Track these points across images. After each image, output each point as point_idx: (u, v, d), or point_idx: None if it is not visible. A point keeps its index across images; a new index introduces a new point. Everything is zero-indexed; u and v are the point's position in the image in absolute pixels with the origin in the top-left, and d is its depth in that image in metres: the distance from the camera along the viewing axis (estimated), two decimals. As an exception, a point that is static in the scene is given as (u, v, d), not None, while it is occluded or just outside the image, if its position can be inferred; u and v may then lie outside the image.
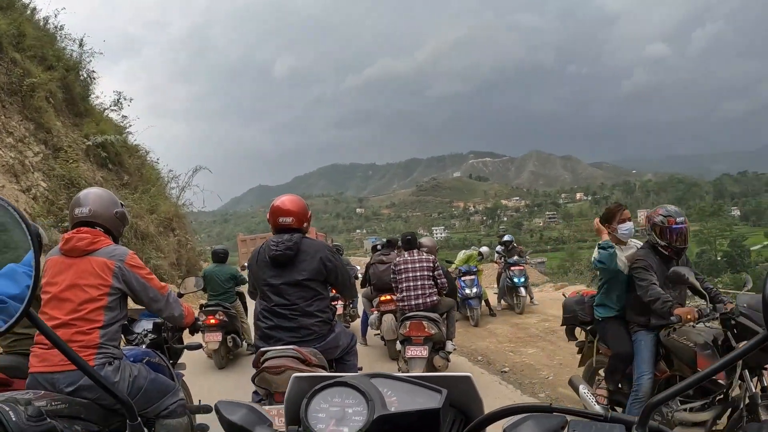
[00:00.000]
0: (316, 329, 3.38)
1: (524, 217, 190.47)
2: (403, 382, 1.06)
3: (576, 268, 20.51)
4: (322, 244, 3.61)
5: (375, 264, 8.05)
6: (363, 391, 0.97)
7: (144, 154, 19.16)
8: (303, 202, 3.63)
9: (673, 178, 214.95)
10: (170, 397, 2.98)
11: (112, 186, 14.86)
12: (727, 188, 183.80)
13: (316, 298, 3.44)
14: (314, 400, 0.99)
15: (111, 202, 2.95)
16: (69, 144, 12.94)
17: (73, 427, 2.37)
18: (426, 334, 5.85)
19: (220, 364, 7.40)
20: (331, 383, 1.00)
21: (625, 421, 0.82)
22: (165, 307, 2.96)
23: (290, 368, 3.03)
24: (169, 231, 18.08)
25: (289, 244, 3.39)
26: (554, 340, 8.43)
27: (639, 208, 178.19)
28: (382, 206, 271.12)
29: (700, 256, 72.62)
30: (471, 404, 1.09)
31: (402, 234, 7.14)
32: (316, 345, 3.36)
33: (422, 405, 0.98)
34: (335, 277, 3.52)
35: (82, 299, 2.64)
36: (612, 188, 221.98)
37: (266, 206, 4.80)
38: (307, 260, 3.43)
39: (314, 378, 1.10)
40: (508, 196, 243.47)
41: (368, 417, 0.93)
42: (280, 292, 3.41)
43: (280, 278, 3.42)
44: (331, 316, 3.55)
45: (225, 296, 7.83)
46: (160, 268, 14.06)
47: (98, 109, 17.06)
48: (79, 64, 15.83)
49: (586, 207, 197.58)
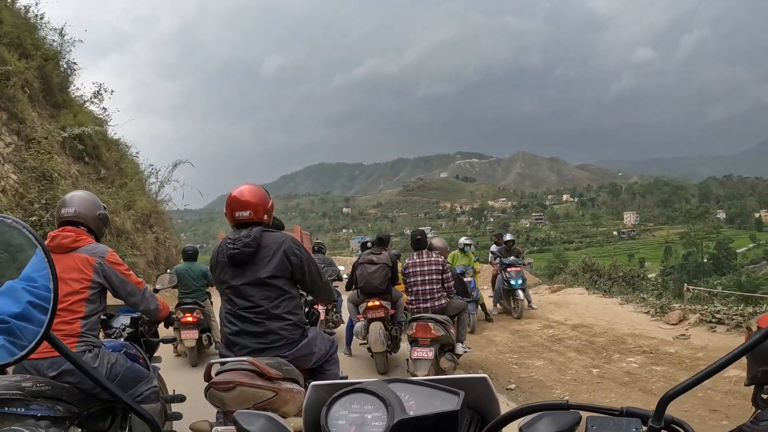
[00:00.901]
0: (285, 334, 3.04)
1: (511, 218, 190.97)
2: (420, 386, 1.09)
3: (570, 269, 19.88)
4: (285, 236, 3.19)
5: (363, 264, 7.16)
6: (382, 396, 1.00)
7: (124, 148, 18.74)
8: (262, 191, 3.28)
9: (658, 180, 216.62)
10: (144, 384, 3.20)
11: (89, 180, 14.47)
12: (713, 191, 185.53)
13: (284, 298, 3.08)
14: (333, 408, 1.01)
15: (94, 205, 3.23)
16: (44, 135, 12.42)
17: (55, 407, 2.59)
18: (432, 336, 5.76)
19: (194, 362, 7.47)
20: (350, 390, 1.03)
21: (641, 414, 0.82)
22: (141, 300, 3.21)
23: (242, 384, 2.62)
24: (146, 228, 17.62)
25: (246, 241, 3.04)
26: (562, 350, 7.86)
27: (625, 210, 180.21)
28: (368, 206, 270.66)
29: (686, 258, 73.04)
30: (488, 405, 1.12)
31: (412, 233, 6.91)
32: (286, 352, 3.02)
33: (440, 408, 1.01)
34: (302, 272, 3.16)
35: (66, 292, 2.85)
36: (598, 190, 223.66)
37: None
38: (269, 256, 3.07)
39: (332, 385, 1.12)
40: (494, 197, 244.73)
41: (388, 422, 0.95)
42: (242, 294, 3.08)
43: (241, 278, 3.09)
44: (303, 319, 3.21)
45: (196, 294, 7.92)
46: (135, 266, 13.49)
47: (78, 101, 16.56)
48: (58, 53, 15.37)
49: (573, 208, 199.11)
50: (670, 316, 8.96)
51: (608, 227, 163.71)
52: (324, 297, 3.63)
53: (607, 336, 8.41)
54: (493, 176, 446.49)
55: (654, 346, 7.62)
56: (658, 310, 9.58)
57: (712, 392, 5.45)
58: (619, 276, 17.46)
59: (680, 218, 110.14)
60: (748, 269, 70.33)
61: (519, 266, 10.82)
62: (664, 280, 17.89)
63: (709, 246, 76.73)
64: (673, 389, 0.81)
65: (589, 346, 8.00)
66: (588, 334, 8.70)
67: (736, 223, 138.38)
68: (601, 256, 59.14)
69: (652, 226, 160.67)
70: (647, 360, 7.07)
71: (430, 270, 6.22)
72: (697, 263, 69.26)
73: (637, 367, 6.82)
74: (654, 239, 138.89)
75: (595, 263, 19.59)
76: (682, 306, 9.48)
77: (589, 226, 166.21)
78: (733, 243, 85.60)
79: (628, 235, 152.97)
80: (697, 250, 76.17)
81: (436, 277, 6.20)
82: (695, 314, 8.74)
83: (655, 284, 14.96)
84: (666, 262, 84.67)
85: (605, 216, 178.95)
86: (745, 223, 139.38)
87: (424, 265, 6.27)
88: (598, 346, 7.94)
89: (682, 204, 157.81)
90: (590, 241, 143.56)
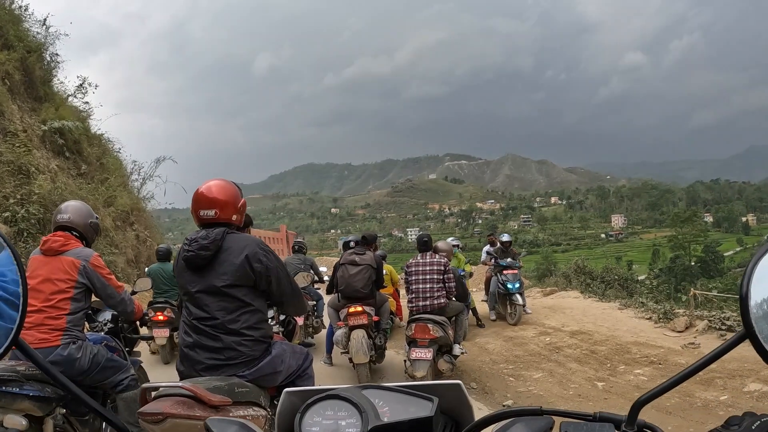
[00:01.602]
0: (244, 350, 2.65)
1: (499, 219, 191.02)
2: (394, 392, 1.09)
3: (562, 271, 19.30)
4: (251, 240, 2.81)
5: (345, 265, 6.48)
6: (356, 403, 0.99)
7: (107, 143, 18.18)
8: (232, 188, 2.87)
9: (646, 184, 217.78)
10: (123, 373, 3.46)
11: (68, 175, 14.01)
12: (700, 195, 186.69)
13: (244, 311, 2.69)
14: (307, 414, 1.00)
15: (87, 214, 3.54)
16: (24, 128, 12.03)
17: (44, 389, 2.86)
18: (431, 337, 5.67)
19: (166, 359, 7.57)
20: (324, 396, 1.02)
21: (614, 419, 0.84)
22: (119, 303, 3.49)
23: (173, 416, 2.10)
24: (127, 225, 16.93)
25: (203, 243, 2.68)
26: (562, 360, 7.21)
27: (613, 213, 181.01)
28: (357, 206, 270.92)
29: (674, 261, 72.99)
30: (462, 411, 1.12)
31: (418, 235, 6.86)
32: (245, 371, 2.64)
33: (415, 414, 1.00)
34: (267, 282, 2.75)
35: (53, 290, 3.18)
36: (586, 193, 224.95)
37: None
38: (228, 261, 2.69)
39: (306, 392, 1.11)
40: (483, 199, 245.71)
41: (363, 429, 0.95)
42: (198, 303, 2.71)
43: (197, 285, 2.72)
44: (268, 333, 2.84)
45: (169, 294, 7.90)
46: (114, 265, 12.86)
47: (61, 95, 16.07)
48: (42, 46, 14.95)
49: (561, 211, 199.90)
50: (676, 323, 8.34)
51: (596, 230, 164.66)
52: (294, 311, 3.19)
53: (610, 344, 7.77)
54: (482, 178, 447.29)
55: (662, 356, 6.98)
56: (661, 316, 8.96)
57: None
58: (614, 279, 16.88)
59: (668, 221, 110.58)
60: (735, 273, 70.46)
61: (516, 269, 10.12)
62: (659, 283, 17.35)
63: (697, 249, 76.81)
64: (645, 394, 0.83)
65: (590, 355, 7.35)
66: (588, 342, 8.05)
67: (723, 227, 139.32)
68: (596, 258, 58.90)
69: (640, 229, 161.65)
70: (656, 372, 6.43)
71: (432, 270, 6.20)
72: (685, 266, 69.22)
73: (647, 380, 6.17)
74: (641, 242, 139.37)
75: (587, 266, 19.11)
76: (688, 312, 8.87)
77: (577, 228, 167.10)
78: (721, 246, 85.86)
79: (616, 237, 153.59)
80: (685, 253, 76.29)
81: (437, 277, 6.17)
82: (703, 321, 8.14)
83: (650, 287, 14.41)
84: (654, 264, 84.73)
85: (593, 219, 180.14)
86: (732, 226, 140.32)
87: (426, 265, 6.26)
88: (600, 355, 7.29)
89: (670, 207, 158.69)
90: (578, 244, 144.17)
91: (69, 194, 11.67)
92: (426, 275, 6.17)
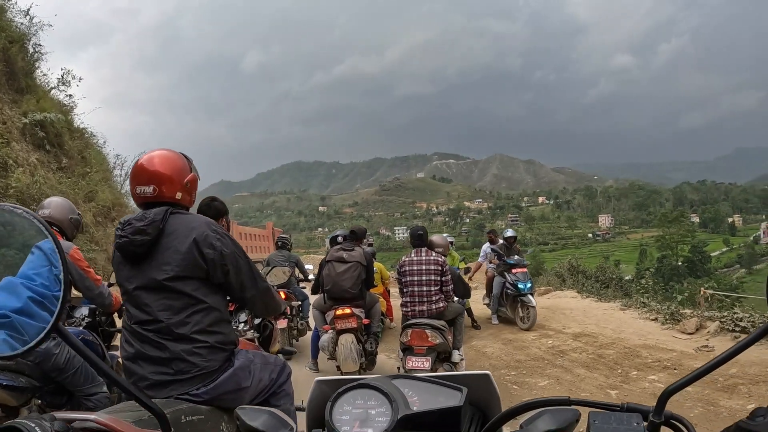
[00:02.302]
0: (197, 361, 2.07)
1: (486, 219, 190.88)
2: (424, 382, 1.10)
3: (556, 270, 18.88)
4: (201, 220, 2.22)
5: (331, 262, 5.83)
6: (386, 392, 1.00)
7: (90, 137, 17.17)
8: (179, 160, 2.29)
9: (633, 184, 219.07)
10: (96, 387, 3.33)
11: (48, 169, 13.30)
12: (687, 196, 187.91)
13: (194, 310, 2.11)
14: (338, 403, 1.01)
15: (69, 210, 3.61)
16: (3, 120, 11.40)
17: (18, 379, 2.90)
18: (429, 344, 5.03)
19: None
20: (354, 386, 1.03)
21: (641, 410, 0.85)
22: (98, 296, 3.50)
23: None
24: (108, 221, 16.26)
25: (139, 225, 2.10)
26: (568, 365, 6.65)
27: (600, 213, 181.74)
28: (344, 205, 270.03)
29: (661, 261, 73.15)
30: (490, 401, 1.14)
31: (412, 228, 6.02)
32: (199, 388, 2.06)
33: (443, 404, 1.02)
34: (223, 272, 2.18)
35: None
36: (574, 193, 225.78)
37: (229, 202, 3.29)
38: (172, 248, 2.10)
39: (336, 381, 1.12)
40: (470, 198, 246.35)
41: (392, 417, 0.96)
42: (138, 302, 2.14)
43: (136, 279, 2.15)
44: (227, 339, 2.20)
45: None
46: (95, 263, 12.20)
47: (43, 87, 15.28)
48: (25, 36, 14.20)
49: (548, 210, 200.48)
50: (686, 325, 7.83)
51: (583, 230, 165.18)
52: (262, 309, 2.48)
53: (617, 348, 7.23)
54: (470, 177, 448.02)
55: (675, 360, 6.46)
56: (668, 318, 8.45)
57: None
58: (612, 278, 16.45)
59: (655, 222, 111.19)
60: (722, 273, 70.78)
61: (525, 266, 9.36)
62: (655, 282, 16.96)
63: (684, 249, 77.13)
64: (672, 385, 0.84)
65: (598, 360, 6.80)
66: (594, 345, 7.50)
67: (709, 228, 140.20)
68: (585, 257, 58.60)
69: (627, 229, 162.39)
70: (672, 378, 5.89)
71: (429, 270, 5.48)
72: (672, 266, 69.39)
73: (663, 387, 5.64)
74: (628, 242, 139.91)
75: (581, 265, 18.71)
76: (698, 312, 8.38)
77: (565, 228, 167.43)
78: (708, 247, 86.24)
79: (603, 237, 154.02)
80: (672, 253, 76.57)
81: (435, 278, 5.47)
82: (714, 321, 7.64)
83: (645, 287, 13.98)
84: (641, 264, 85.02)
85: (580, 218, 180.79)
86: (719, 227, 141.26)
87: (422, 264, 5.51)
88: (609, 360, 6.74)
89: (657, 208, 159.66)
90: (565, 243, 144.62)
91: (48, 188, 11.12)
92: (422, 276, 5.47)
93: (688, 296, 12.52)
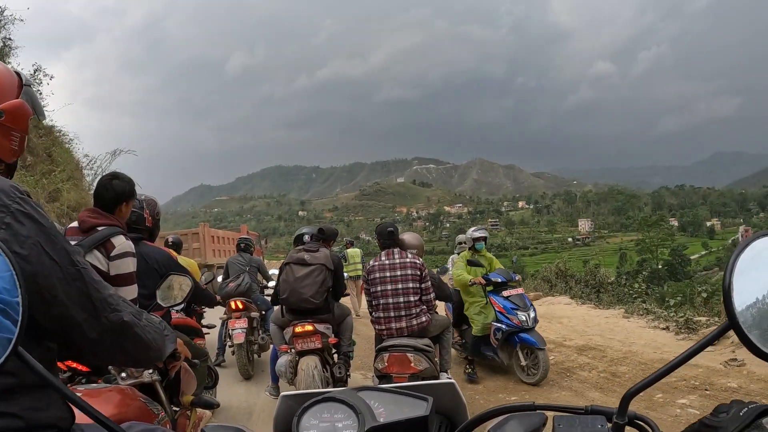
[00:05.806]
0: None
1: (467, 223, 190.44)
2: (389, 393, 1.09)
3: (543, 275, 17.94)
4: None
5: (291, 264, 4.70)
6: (352, 405, 1.00)
7: (58, 135, 16.69)
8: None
9: (612, 189, 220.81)
10: None
11: None
12: (665, 200, 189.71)
13: None
14: (304, 417, 1.00)
15: None
16: None
17: None
18: (412, 371, 4.02)
19: None
20: (320, 399, 1.02)
21: (605, 412, 0.85)
22: None
23: None
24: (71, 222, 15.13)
25: None
26: (577, 387, 5.63)
27: (580, 218, 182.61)
28: (324, 209, 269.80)
29: (641, 265, 72.88)
30: (456, 410, 1.16)
31: (379, 226, 4.81)
32: None
33: (410, 414, 1.02)
34: None
35: None
36: (553, 197, 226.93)
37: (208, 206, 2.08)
38: None
39: (302, 395, 1.11)
40: (451, 203, 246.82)
41: (359, 430, 0.96)
42: None
43: None
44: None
45: None
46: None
47: None
48: None
49: (528, 215, 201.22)
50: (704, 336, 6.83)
51: (563, 234, 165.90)
52: (122, 359, 1.41)
53: (630, 363, 6.21)
54: (450, 182, 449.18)
55: (704, 378, 5.44)
56: (682, 327, 7.46)
57: None
58: (608, 283, 15.53)
59: (634, 225, 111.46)
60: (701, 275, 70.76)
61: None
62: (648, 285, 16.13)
63: (664, 253, 77.14)
64: (635, 386, 0.84)
65: (612, 380, 5.76)
66: (603, 360, 6.47)
67: (688, 231, 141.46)
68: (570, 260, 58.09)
69: (606, 233, 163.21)
70: (707, 402, 4.87)
71: (405, 276, 4.39)
72: (652, 269, 69.19)
73: (698, 413, 4.59)
74: (608, 246, 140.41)
75: (570, 268, 17.81)
76: (714, 321, 7.40)
77: (545, 232, 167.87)
78: (687, 250, 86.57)
79: (583, 241, 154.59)
80: (652, 256, 76.50)
81: (413, 286, 4.37)
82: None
83: (639, 291, 13.10)
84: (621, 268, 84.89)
85: (560, 223, 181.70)
86: (697, 231, 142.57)
87: (396, 268, 4.42)
88: (625, 379, 5.70)
89: (636, 212, 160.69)
90: (545, 247, 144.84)
91: (8, 187, 10.00)
92: (398, 284, 4.37)
93: (682, 299, 11.62)
